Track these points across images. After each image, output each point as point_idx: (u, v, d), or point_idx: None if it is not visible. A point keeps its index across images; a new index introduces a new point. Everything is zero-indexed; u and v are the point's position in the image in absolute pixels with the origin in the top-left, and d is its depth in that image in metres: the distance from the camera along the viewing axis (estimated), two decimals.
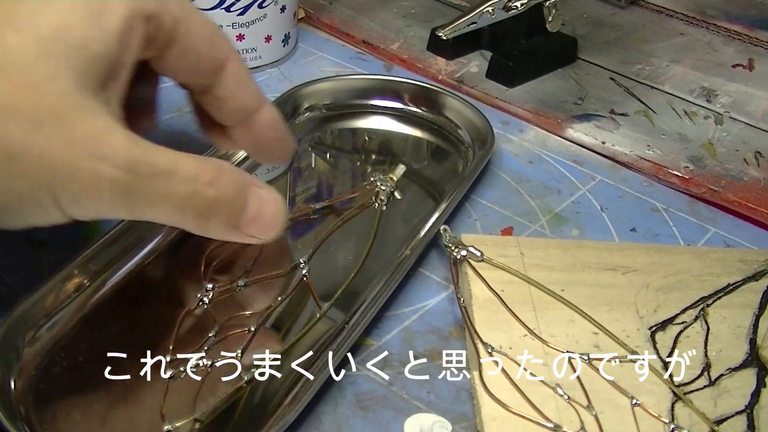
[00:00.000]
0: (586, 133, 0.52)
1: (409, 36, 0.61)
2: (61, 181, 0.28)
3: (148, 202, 0.29)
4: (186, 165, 0.30)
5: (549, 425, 0.33)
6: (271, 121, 0.36)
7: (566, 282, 0.39)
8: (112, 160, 0.28)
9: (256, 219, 0.32)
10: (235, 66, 0.34)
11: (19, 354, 0.34)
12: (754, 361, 0.37)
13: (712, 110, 0.55)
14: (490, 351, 0.35)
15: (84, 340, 0.36)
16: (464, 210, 0.45)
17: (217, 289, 0.38)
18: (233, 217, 0.32)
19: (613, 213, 0.46)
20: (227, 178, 0.31)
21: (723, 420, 0.34)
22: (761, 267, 0.41)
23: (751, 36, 0.64)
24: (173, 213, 0.30)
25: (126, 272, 0.39)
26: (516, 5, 0.55)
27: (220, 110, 0.35)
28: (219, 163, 0.31)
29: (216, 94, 0.34)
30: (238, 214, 0.32)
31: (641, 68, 0.59)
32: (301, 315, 0.38)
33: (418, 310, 0.39)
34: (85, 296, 0.37)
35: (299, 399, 0.33)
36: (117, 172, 0.28)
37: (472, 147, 0.48)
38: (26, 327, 0.35)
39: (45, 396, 0.33)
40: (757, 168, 0.50)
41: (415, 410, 0.35)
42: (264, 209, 0.33)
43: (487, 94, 0.55)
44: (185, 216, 0.31)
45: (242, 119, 0.36)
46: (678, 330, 0.38)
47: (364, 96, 0.52)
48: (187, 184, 0.30)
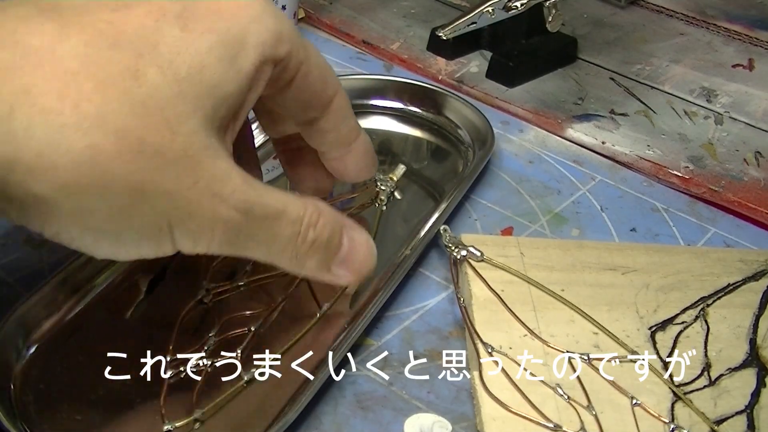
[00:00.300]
0: (586, 133, 0.52)
1: (409, 36, 0.61)
2: (182, 218, 0.28)
3: (255, 243, 0.31)
4: (293, 207, 0.31)
5: (549, 425, 0.33)
6: (364, 149, 0.37)
7: (566, 282, 0.39)
8: (230, 201, 0.29)
9: (347, 261, 0.33)
10: (341, 100, 0.35)
11: (19, 354, 0.35)
12: (754, 361, 0.37)
13: (712, 110, 0.55)
14: (490, 351, 0.35)
15: (84, 341, 0.36)
16: (464, 210, 0.45)
17: (217, 288, 0.38)
18: (327, 259, 0.33)
19: (613, 213, 0.46)
20: (325, 220, 0.32)
21: (723, 420, 0.34)
22: (761, 267, 0.41)
23: (751, 36, 0.64)
24: (273, 253, 0.31)
25: (126, 272, 0.39)
26: (516, 5, 0.55)
27: (322, 141, 0.36)
28: (318, 204, 0.32)
29: (320, 127, 0.35)
30: (331, 257, 0.33)
31: (641, 68, 0.59)
32: (301, 315, 0.38)
33: (418, 310, 0.39)
34: (85, 296, 0.37)
35: (299, 399, 0.33)
36: (233, 214, 0.29)
37: (472, 147, 0.48)
38: (26, 327, 0.35)
39: (45, 396, 0.33)
40: (757, 168, 0.50)
41: (415, 410, 0.35)
42: (355, 253, 0.34)
43: (487, 94, 0.55)
44: (283, 256, 0.32)
45: (340, 147, 0.36)
46: (678, 330, 0.38)
47: (364, 96, 0.52)
48: (292, 227, 0.31)
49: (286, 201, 0.31)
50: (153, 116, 0.27)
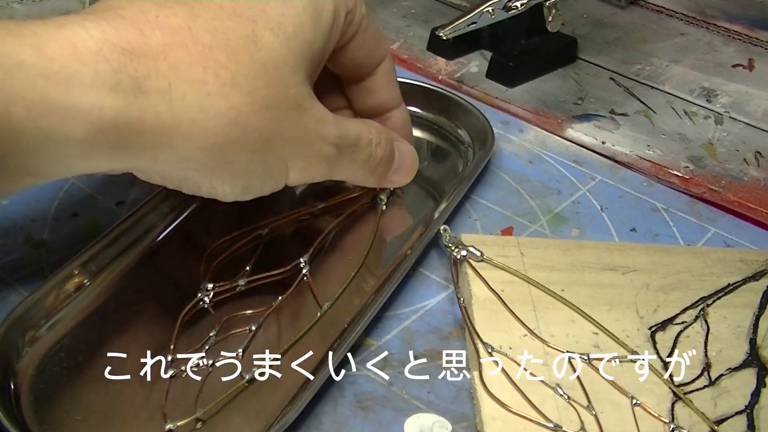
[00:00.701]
0: (586, 133, 0.52)
1: (409, 36, 0.61)
2: (296, 158, 0.34)
3: (342, 167, 0.37)
4: (364, 132, 0.37)
5: (549, 425, 0.33)
6: (402, 121, 0.42)
7: (566, 282, 0.39)
8: (329, 139, 0.35)
9: (399, 169, 0.40)
10: (388, 64, 0.40)
11: (19, 354, 0.35)
12: (754, 361, 0.37)
13: (712, 110, 0.55)
14: (490, 351, 0.35)
15: (84, 340, 0.36)
16: (464, 210, 0.45)
17: (217, 288, 0.38)
18: (387, 170, 0.40)
19: (613, 213, 0.46)
20: (384, 138, 0.38)
21: (723, 420, 0.34)
22: (761, 267, 0.41)
23: (751, 36, 0.64)
24: (353, 172, 0.38)
25: (126, 272, 0.39)
26: (516, 5, 0.55)
27: (365, 102, 0.41)
28: (375, 124, 0.38)
29: (367, 86, 0.40)
30: (389, 167, 0.40)
31: (641, 68, 0.59)
32: (301, 315, 0.38)
33: (418, 310, 0.39)
34: (85, 296, 0.37)
35: (299, 399, 0.33)
36: (331, 149, 0.35)
37: (472, 147, 0.48)
38: (26, 327, 0.35)
39: (45, 396, 0.33)
40: (757, 168, 0.50)
41: (415, 410, 0.35)
42: (404, 160, 0.40)
43: (487, 94, 0.55)
44: (359, 174, 0.38)
45: (381, 113, 0.41)
46: (678, 330, 0.38)
47: None
48: (367, 149, 0.37)
49: (359, 128, 0.37)
50: (272, 74, 0.32)
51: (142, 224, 0.40)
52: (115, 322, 0.37)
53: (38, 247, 0.40)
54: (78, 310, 0.37)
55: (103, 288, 0.38)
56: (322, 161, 0.35)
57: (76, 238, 0.41)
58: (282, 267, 0.39)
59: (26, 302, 0.35)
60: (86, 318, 0.37)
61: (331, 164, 0.36)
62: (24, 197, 0.43)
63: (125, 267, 0.39)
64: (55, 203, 0.43)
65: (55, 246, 0.40)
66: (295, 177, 0.35)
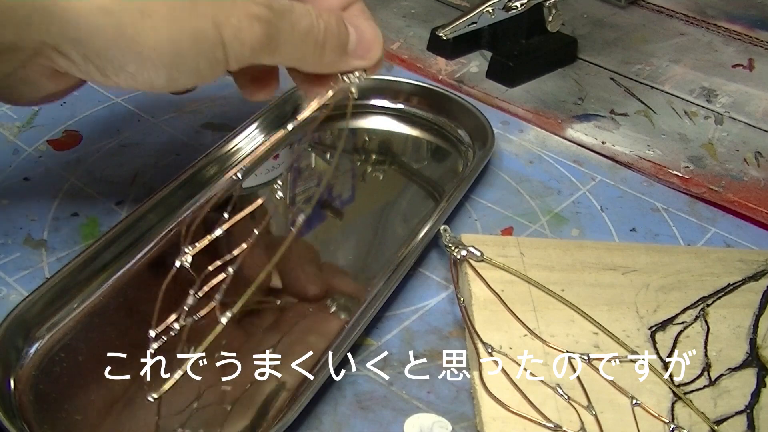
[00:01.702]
0: (586, 133, 0.52)
1: (409, 36, 0.61)
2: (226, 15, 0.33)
3: (284, 39, 0.35)
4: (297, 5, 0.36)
5: (549, 425, 0.33)
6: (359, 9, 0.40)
7: (566, 282, 0.39)
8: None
9: (359, 47, 0.38)
10: (361, 5, 0.39)
11: (19, 354, 0.35)
12: (754, 361, 0.37)
13: (712, 110, 0.55)
14: (490, 351, 0.35)
15: (84, 340, 0.36)
16: (464, 210, 0.45)
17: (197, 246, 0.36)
18: (342, 44, 0.37)
19: (613, 213, 0.46)
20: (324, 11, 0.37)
21: (723, 420, 0.34)
22: (761, 267, 0.41)
23: (751, 36, 0.64)
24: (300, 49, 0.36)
25: (125, 272, 0.39)
26: (516, 5, 0.55)
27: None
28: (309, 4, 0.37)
29: None
30: (345, 41, 0.37)
31: (641, 68, 0.59)
32: (300, 314, 0.38)
33: (418, 310, 0.39)
34: (85, 296, 0.37)
35: (299, 399, 0.33)
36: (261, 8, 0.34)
37: (472, 147, 0.48)
38: (26, 327, 0.35)
39: (45, 396, 0.33)
40: (757, 168, 0.50)
41: (415, 410, 0.35)
42: (363, 37, 0.38)
43: (487, 94, 0.55)
44: (309, 51, 0.36)
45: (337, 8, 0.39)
46: (678, 330, 0.38)
47: (364, 96, 0.52)
48: (307, 18, 0.36)
49: (291, 2, 0.36)
50: None
51: (142, 224, 0.40)
52: (114, 322, 0.37)
53: (38, 247, 0.40)
54: (78, 310, 0.37)
55: (103, 288, 0.38)
56: (255, 22, 0.34)
57: (76, 238, 0.41)
58: None
59: (26, 302, 0.35)
60: (86, 318, 0.37)
61: (268, 29, 0.34)
62: (24, 197, 0.43)
63: (124, 267, 0.39)
64: (55, 203, 0.43)
65: (55, 246, 0.40)
66: (231, 42, 0.33)
